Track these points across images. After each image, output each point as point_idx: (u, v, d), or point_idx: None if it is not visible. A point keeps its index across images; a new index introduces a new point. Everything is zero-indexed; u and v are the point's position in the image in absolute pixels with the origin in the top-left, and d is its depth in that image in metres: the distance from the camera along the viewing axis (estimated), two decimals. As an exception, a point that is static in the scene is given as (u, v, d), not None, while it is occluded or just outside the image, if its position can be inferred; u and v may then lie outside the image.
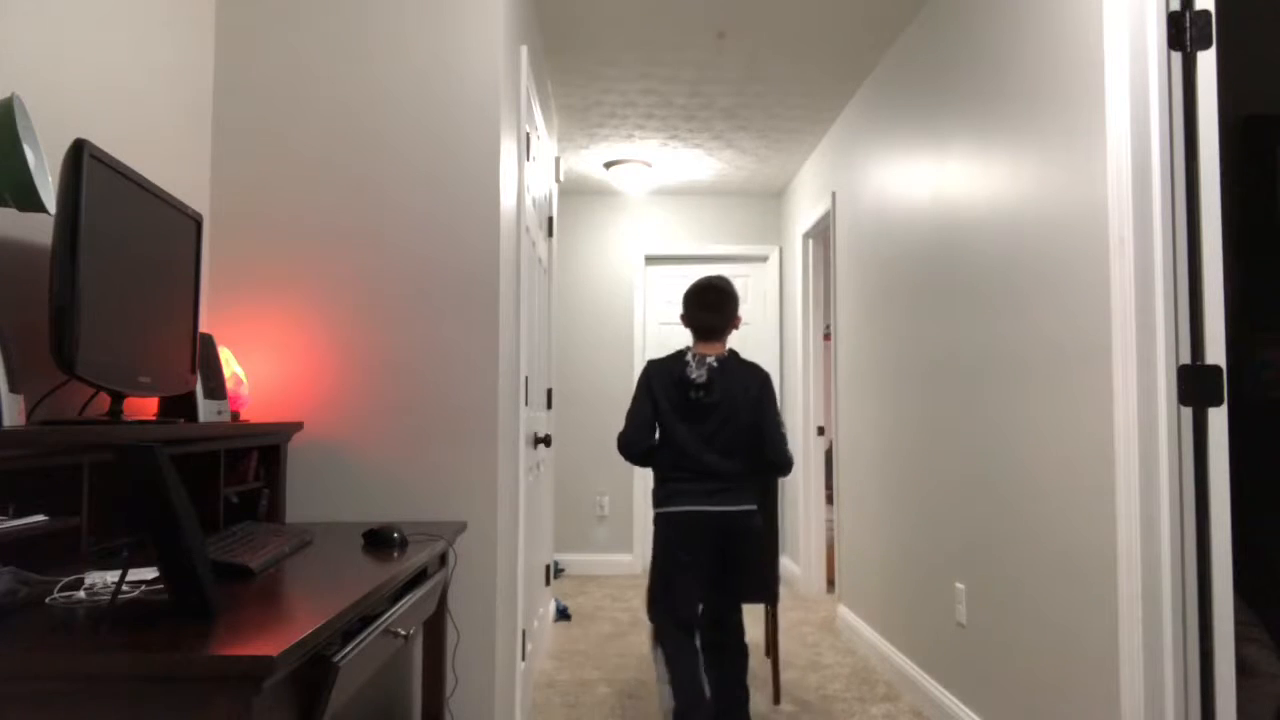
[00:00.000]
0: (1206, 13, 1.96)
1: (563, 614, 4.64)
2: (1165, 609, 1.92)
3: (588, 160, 5.37)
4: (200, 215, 1.99)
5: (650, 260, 6.14)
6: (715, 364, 2.68)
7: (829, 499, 5.39)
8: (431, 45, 2.47)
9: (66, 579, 1.36)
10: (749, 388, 2.71)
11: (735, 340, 2.89)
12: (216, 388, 2.09)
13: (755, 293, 6.16)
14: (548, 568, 4.17)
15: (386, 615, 1.56)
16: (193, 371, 1.94)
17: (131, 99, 2.05)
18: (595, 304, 6.08)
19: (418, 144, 2.46)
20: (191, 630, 1.13)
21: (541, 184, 3.78)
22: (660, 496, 2.73)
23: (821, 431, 5.36)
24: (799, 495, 5.39)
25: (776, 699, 3.21)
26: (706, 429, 2.67)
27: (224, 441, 1.94)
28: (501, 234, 2.51)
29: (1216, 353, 1.93)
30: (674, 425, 2.69)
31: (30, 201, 1.44)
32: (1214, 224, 1.94)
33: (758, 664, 3.69)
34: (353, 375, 2.42)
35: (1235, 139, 2.81)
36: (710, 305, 2.75)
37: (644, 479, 5.98)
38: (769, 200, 6.21)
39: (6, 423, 1.33)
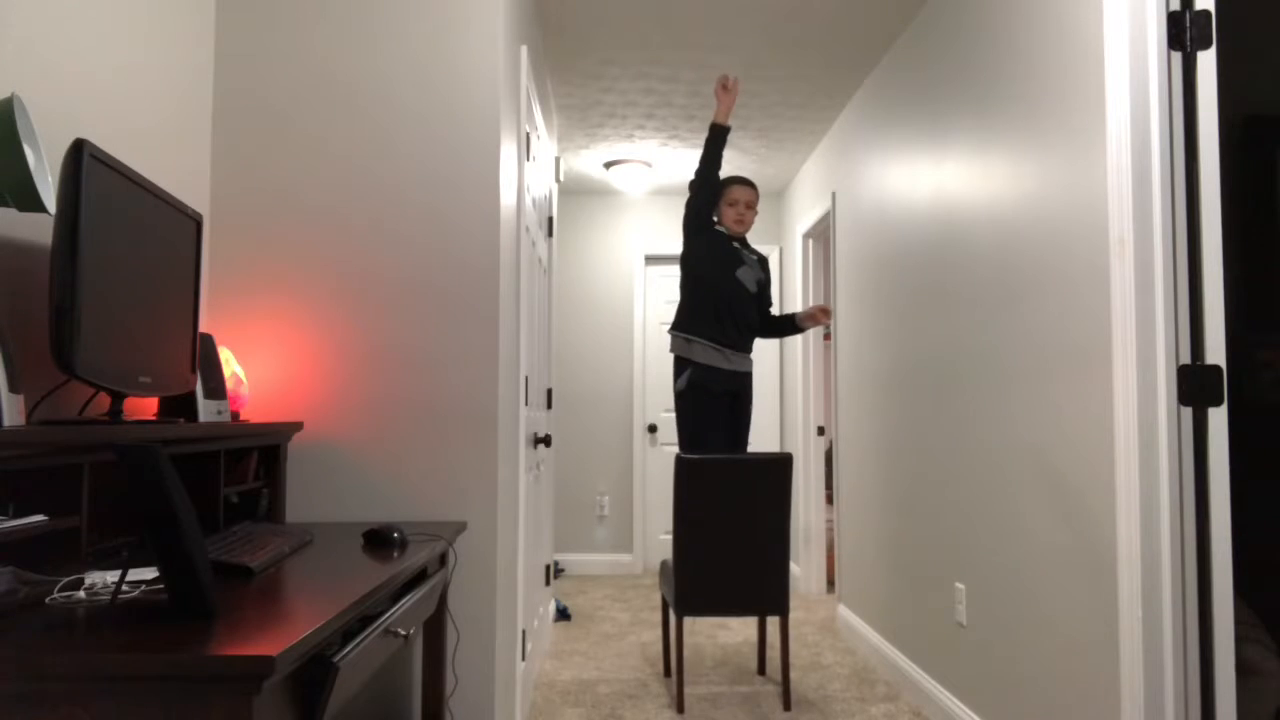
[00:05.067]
0: (1206, 13, 1.96)
1: (563, 614, 4.64)
2: (1165, 609, 1.93)
3: (588, 160, 5.37)
4: (200, 215, 1.99)
5: (650, 260, 6.14)
6: None
7: (829, 499, 5.39)
8: (432, 45, 2.47)
9: (66, 579, 1.36)
10: None
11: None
12: (216, 388, 2.09)
13: (755, 293, 6.16)
14: (548, 568, 4.17)
15: (386, 615, 1.56)
16: (193, 371, 1.94)
17: (131, 99, 2.05)
18: (595, 304, 6.08)
19: (418, 144, 2.46)
20: (191, 630, 1.13)
21: (541, 184, 3.78)
22: None
23: (821, 431, 5.36)
24: (799, 495, 5.40)
25: (787, 705, 3.20)
26: None
27: (224, 441, 1.94)
28: (501, 234, 2.51)
29: (1216, 353, 1.93)
30: None
31: (30, 201, 1.44)
32: (1214, 224, 1.94)
33: (757, 671, 3.68)
34: (353, 375, 2.42)
35: (1235, 139, 2.80)
36: None
37: (643, 479, 5.99)
38: (769, 200, 6.21)
39: (6, 423, 1.33)
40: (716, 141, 3.51)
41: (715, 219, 3.66)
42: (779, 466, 3.24)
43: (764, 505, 3.23)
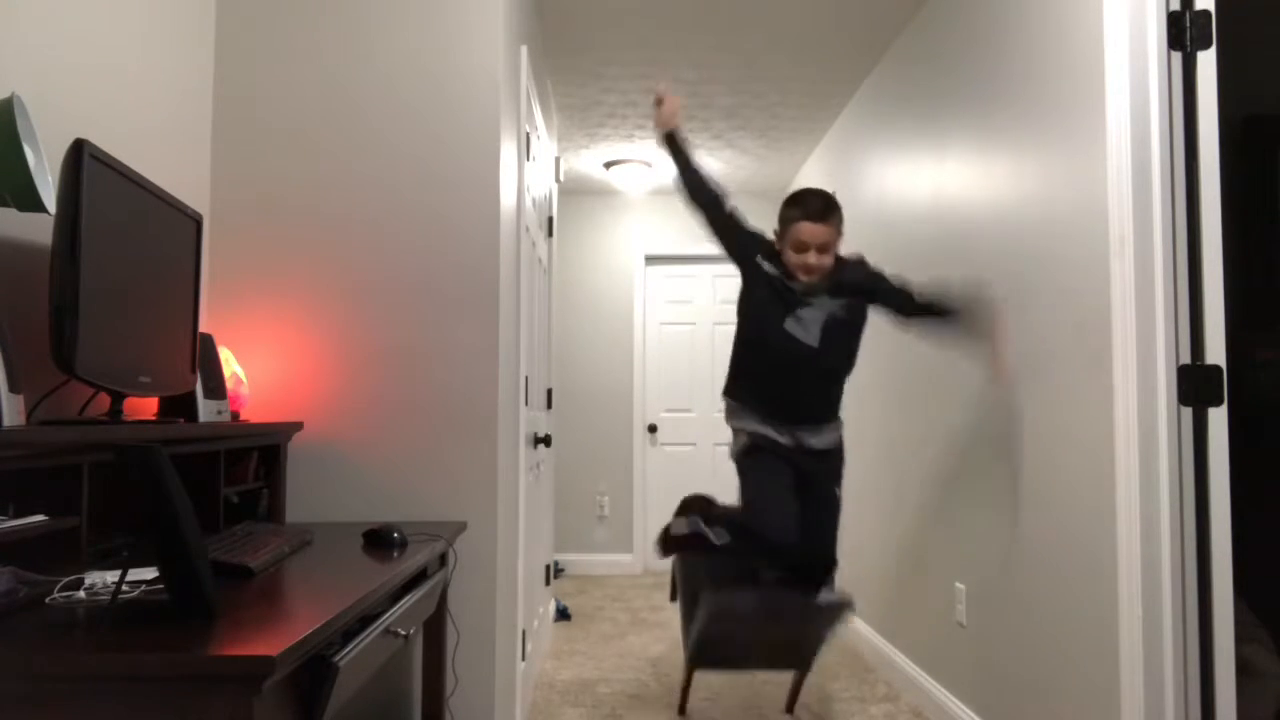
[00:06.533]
0: (1206, 13, 1.96)
1: (563, 614, 4.64)
2: (1165, 609, 1.92)
3: (588, 160, 5.37)
4: (200, 215, 1.99)
5: (650, 260, 6.14)
6: None
7: (829, 499, 5.38)
8: (432, 45, 2.47)
9: (66, 579, 1.36)
10: None
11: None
12: (216, 388, 2.09)
13: (755, 293, 6.16)
14: (548, 568, 4.17)
15: (386, 615, 1.56)
16: (193, 371, 1.94)
17: (131, 99, 2.04)
18: (595, 304, 6.07)
19: (418, 144, 2.46)
20: (191, 630, 1.13)
21: (541, 184, 3.78)
22: None
23: (821, 431, 5.35)
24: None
25: (789, 707, 3.20)
26: None
27: (224, 441, 1.94)
28: (501, 234, 2.50)
29: (1216, 353, 1.93)
30: None
31: (30, 201, 1.44)
32: (1214, 224, 1.94)
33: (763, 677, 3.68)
34: (353, 375, 2.42)
35: (1235, 139, 2.80)
36: None
37: (644, 479, 5.98)
38: (769, 201, 6.19)
39: (6, 423, 1.33)
40: (671, 151, 2.89)
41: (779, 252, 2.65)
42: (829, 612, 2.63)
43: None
